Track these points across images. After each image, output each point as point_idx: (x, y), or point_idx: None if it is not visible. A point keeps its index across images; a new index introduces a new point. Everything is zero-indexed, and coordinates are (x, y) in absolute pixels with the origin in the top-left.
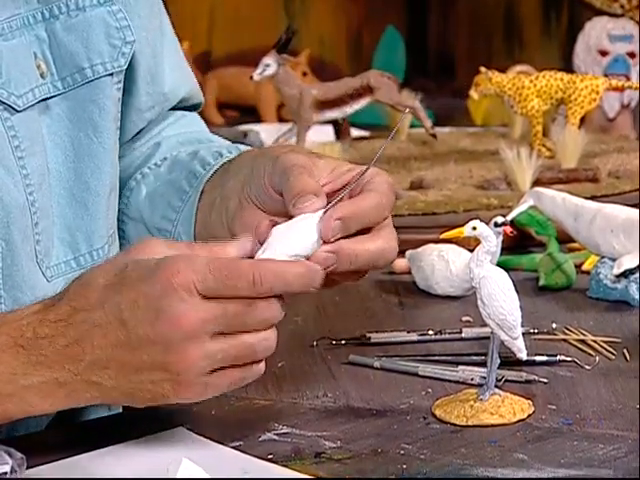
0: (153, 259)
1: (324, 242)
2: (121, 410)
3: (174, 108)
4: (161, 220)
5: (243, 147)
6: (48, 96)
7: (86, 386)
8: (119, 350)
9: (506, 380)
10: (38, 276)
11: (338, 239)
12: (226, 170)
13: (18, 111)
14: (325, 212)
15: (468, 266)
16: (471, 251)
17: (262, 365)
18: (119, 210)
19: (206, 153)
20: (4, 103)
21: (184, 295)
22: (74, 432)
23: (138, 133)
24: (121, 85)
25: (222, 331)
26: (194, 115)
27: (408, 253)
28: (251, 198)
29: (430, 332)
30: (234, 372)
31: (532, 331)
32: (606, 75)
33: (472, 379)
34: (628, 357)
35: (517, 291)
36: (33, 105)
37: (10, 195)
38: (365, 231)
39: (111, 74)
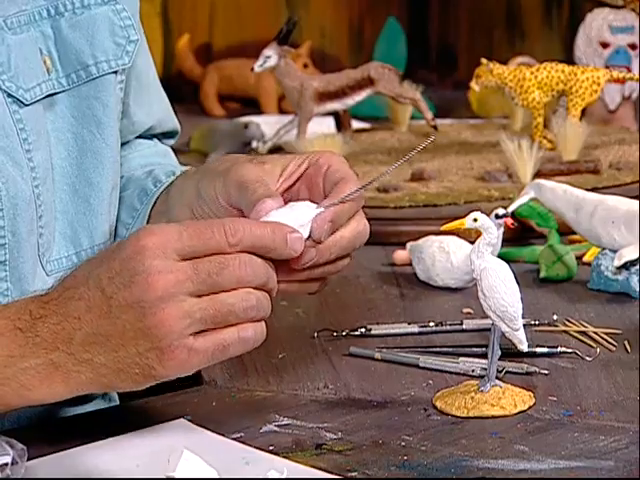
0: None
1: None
2: (118, 402)
3: (153, 136)
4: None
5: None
6: (53, 91)
7: (79, 366)
8: (103, 321)
9: (507, 372)
10: (39, 269)
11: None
12: (165, 200)
13: (26, 105)
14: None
15: (469, 258)
16: (472, 243)
17: (251, 332)
18: None
19: (160, 172)
20: (13, 96)
21: (158, 253)
22: (76, 423)
23: None
24: (123, 85)
25: (198, 291)
26: (166, 148)
27: (409, 245)
28: (205, 218)
29: (431, 324)
30: (216, 335)
31: (533, 323)
32: (607, 67)
33: (473, 371)
34: (629, 348)
35: (518, 283)
36: (40, 100)
37: (17, 187)
38: None
39: (115, 72)
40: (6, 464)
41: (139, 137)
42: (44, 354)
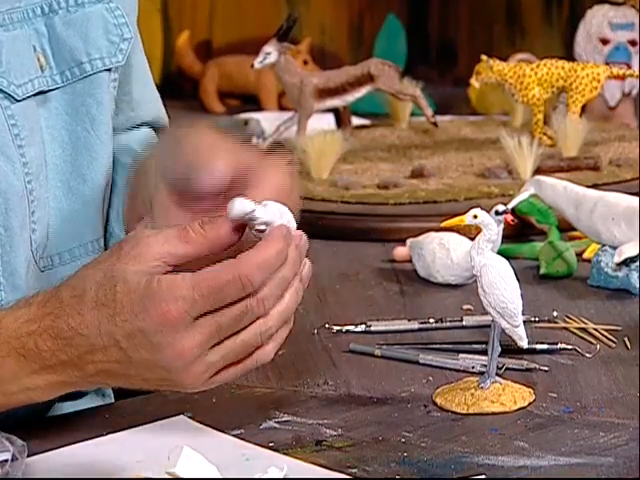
0: (140, 282)
1: None
2: (112, 399)
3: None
4: None
5: None
6: (47, 88)
7: (90, 383)
8: (122, 365)
9: (507, 368)
10: (32, 265)
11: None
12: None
13: (18, 100)
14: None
15: (469, 254)
16: (472, 239)
17: (269, 347)
18: None
19: (138, 146)
20: (4, 92)
21: (179, 327)
22: (76, 420)
23: None
24: (116, 84)
25: (219, 341)
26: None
27: (409, 241)
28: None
29: (431, 320)
30: (237, 367)
31: (533, 319)
32: (607, 63)
33: (473, 367)
34: (629, 345)
35: (518, 279)
36: (32, 96)
37: (9, 182)
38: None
39: (109, 69)
40: (6, 460)
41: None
42: (54, 377)
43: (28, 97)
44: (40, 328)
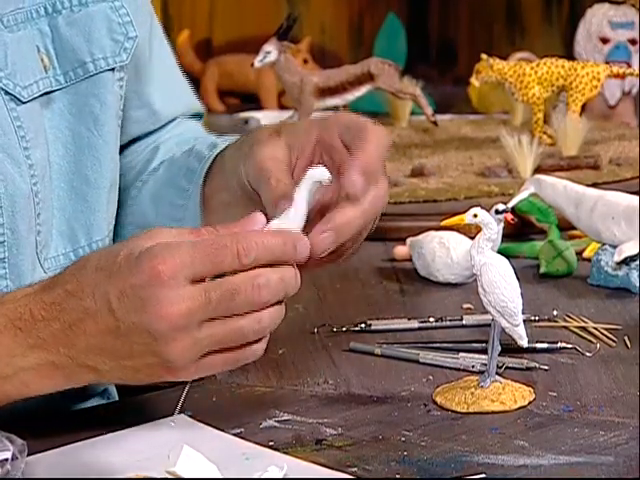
0: (143, 247)
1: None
2: (117, 399)
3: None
4: (169, 221)
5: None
6: (50, 89)
7: (82, 370)
8: (110, 337)
9: (507, 367)
10: (37, 267)
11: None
12: (220, 170)
13: (23, 102)
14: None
15: (469, 253)
16: (472, 238)
17: (259, 346)
18: (127, 220)
19: (201, 147)
20: (10, 94)
21: (170, 283)
22: (76, 419)
23: (136, 140)
24: (123, 83)
25: (210, 317)
26: (194, 123)
27: (409, 240)
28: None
29: (431, 319)
30: (226, 355)
31: (533, 318)
32: (607, 62)
33: (473, 366)
34: (629, 344)
35: (518, 278)
36: (37, 97)
37: (16, 185)
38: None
39: (112, 69)
40: (6, 459)
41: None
42: (45, 355)
43: (33, 99)
44: (37, 297)
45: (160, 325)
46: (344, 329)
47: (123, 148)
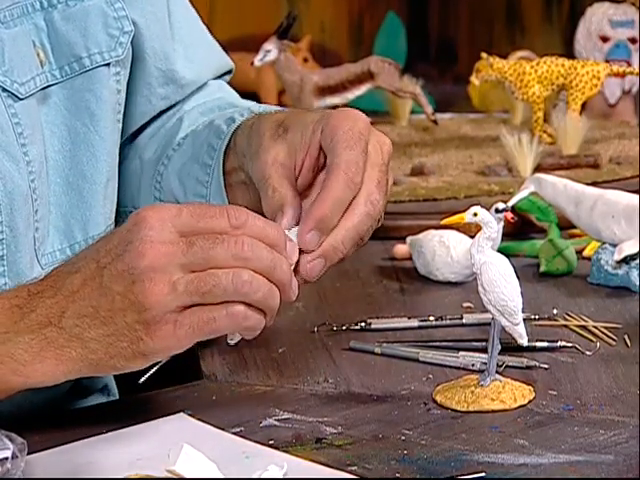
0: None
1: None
2: (117, 397)
3: None
4: (194, 197)
5: (256, 108)
6: (46, 84)
7: (70, 341)
8: (94, 293)
9: (507, 366)
10: (35, 264)
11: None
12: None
13: (20, 99)
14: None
15: (469, 252)
16: (472, 237)
17: (236, 309)
18: (155, 198)
19: (220, 121)
20: (7, 91)
21: (155, 225)
22: (76, 417)
23: (161, 114)
24: (120, 77)
25: (190, 264)
26: (219, 82)
27: (409, 239)
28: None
29: (431, 318)
30: (204, 310)
31: (533, 317)
32: (607, 61)
33: (473, 365)
34: (629, 343)
35: (518, 277)
36: (34, 93)
37: (14, 182)
38: None
39: (108, 64)
40: (6, 458)
41: None
42: (37, 329)
43: (31, 95)
44: (36, 280)
45: (138, 262)
46: (344, 328)
47: (147, 123)
